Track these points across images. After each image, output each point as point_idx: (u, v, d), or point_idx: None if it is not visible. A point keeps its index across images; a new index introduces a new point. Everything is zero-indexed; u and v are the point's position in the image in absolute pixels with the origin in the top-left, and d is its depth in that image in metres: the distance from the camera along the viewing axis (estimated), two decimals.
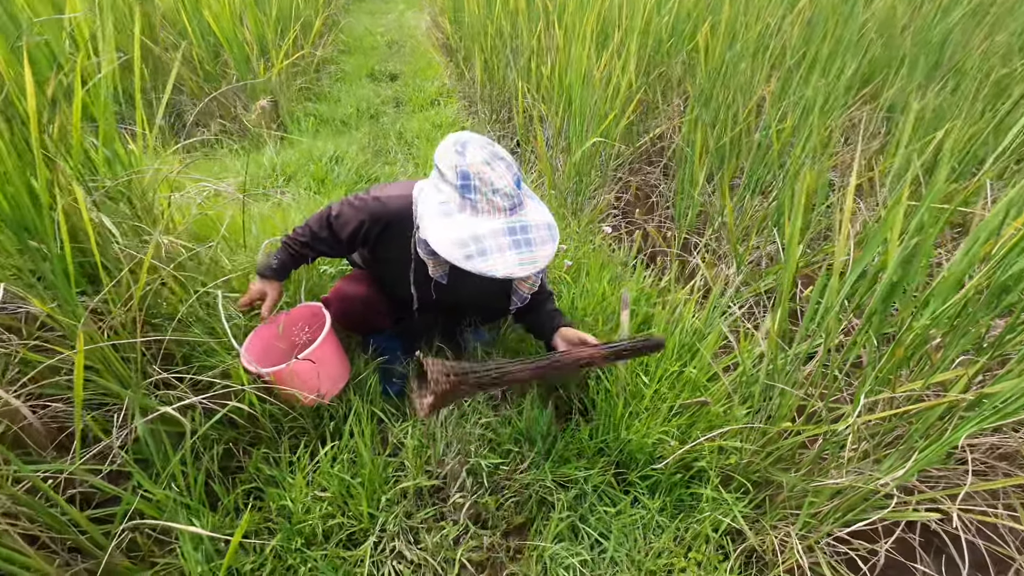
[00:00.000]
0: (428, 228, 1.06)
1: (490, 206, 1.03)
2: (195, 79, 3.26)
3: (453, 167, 1.04)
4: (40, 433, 1.09)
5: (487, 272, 1.01)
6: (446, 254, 1.02)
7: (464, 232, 1.02)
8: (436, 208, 1.07)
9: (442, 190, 1.09)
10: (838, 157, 1.85)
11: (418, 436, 1.41)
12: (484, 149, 1.06)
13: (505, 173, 1.04)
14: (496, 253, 1.01)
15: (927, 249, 1.06)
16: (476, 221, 1.03)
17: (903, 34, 2.71)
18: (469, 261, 1.01)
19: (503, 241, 1.02)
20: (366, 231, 1.27)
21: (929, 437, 1.14)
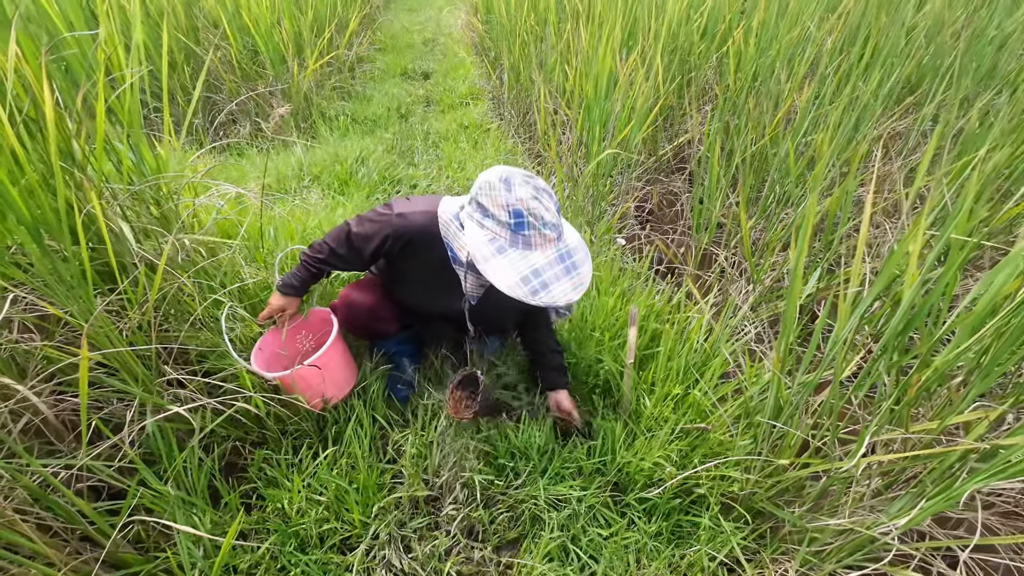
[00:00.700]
0: (489, 270, 1.09)
1: (542, 239, 1.08)
2: (233, 79, 3.37)
3: (503, 205, 1.07)
4: (56, 426, 1.15)
5: (552, 303, 1.07)
6: (514, 294, 1.07)
7: (524, 268, 1.08)
8: (488, 247, 1.10)
9: (487, 226, 1.11)
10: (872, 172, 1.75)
11: (417, 444, 1.43)
12: (528, 183, 1.09)
13: (550, 204, 1.09)
14: (555, 283, 1.08)
15: (946, 283, 1.00)
16: (531, 255, 1.08)
17: (955, 40, 2.54)
18: (536, 296, 1.06)
19: (558, 270, 1.09)
20: (389, 246, 1.29)
21: (943, 482, 1.08)
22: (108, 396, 1.31)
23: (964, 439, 1.06)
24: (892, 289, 1.41)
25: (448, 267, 1.31)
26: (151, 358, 1.31)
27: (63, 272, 1.11)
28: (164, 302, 1.38)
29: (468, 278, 1.30)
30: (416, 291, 1.43)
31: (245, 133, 3.29)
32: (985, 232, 1.38)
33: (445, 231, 1.25)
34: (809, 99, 2.10)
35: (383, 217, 1.28)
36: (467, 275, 1.28)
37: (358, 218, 1.32)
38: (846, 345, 1.09)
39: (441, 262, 1.30)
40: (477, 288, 1.34)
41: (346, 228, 1.33)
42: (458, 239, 1.22)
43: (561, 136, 2.69)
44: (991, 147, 1.60)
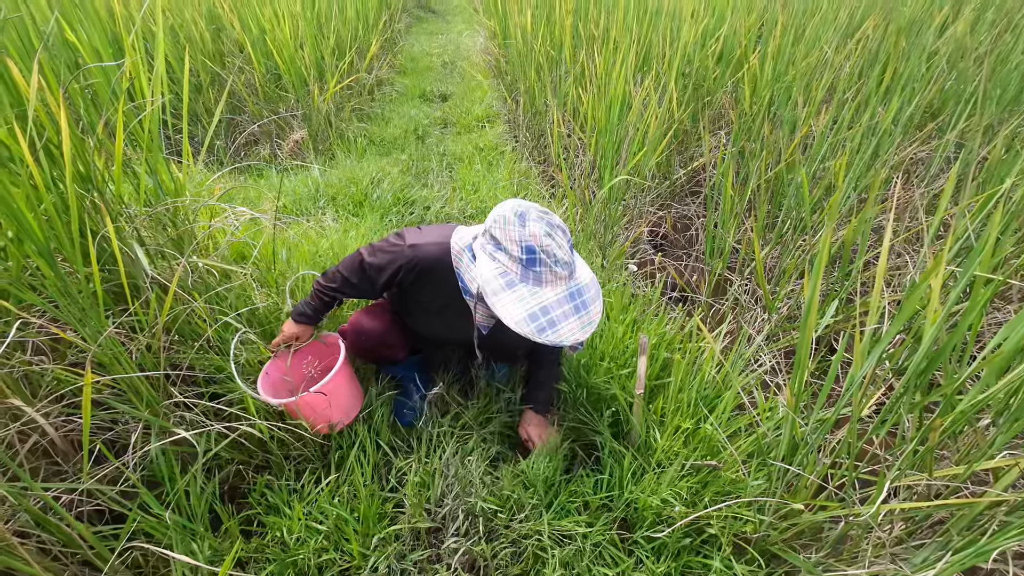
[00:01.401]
0: (497, 304, 1.08)
1: (553, 276, 1.07)
2: (255, 101, 3.47)
3: (516, 240, 1.06)
4: (63, 448, 1.16)
5: (558, 342, 1.06)
6: (520, 330, 1.06)
7: (533, 305, 1.07)
8: (498, 280, 1.09)
9: (498, 259, 1.11)
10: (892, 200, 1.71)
11: (421, 473, 1.41)
12: (542, 219, 1.08)
13: (563, 242, 1.08)
14: (563, 322, 1.06)
15: (970, 322, 0.95)
16: (541, 291, 1.07)
17: (978, 65, 2.49)
18: (543, 334, 1.05)
19: (567, 308, 1.07)
20: (402, 276, 1.29)
21: (971, 534, 1.02)
22: (115, 417, 1.32)
23: (992, 487, 1.00)
24: (914, 324, 1.36)
25: (459, 297, 1.30)
26: (159, 380, 1.31)
27: (75, 295, 1.13)
28: (175, 324, 1.39)
29: (478, 309, 1.29)
30: (428, 320, 1.43)
31: (265, 154, 3.37)
32: (1013, 267, 1.32)
33: (457, 262, 1.25)
34: (827, 125, 2.07)
35: (395, 248, 1.27)
36: (477, 306, 1.27)
37: (371, 248, 1.32)
38: (864, 384, 1.05)
39: (452, 292, 1.29)
40: (487, 319, 1.33)
41: (359, 258, 1.33)
42: (469, 271, 1.22)
43: (574, 159, 2.69)
44: (1017, 177, 1.54)
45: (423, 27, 7.48)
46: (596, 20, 3.21)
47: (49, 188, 1.06)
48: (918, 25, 2.99)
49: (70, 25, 1.34)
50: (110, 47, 1.44)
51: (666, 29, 2.83)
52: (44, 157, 1.08)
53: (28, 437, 1.16)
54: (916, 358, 1.02)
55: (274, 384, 1.40)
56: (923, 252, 1.33)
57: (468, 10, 8.48)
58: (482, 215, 2.65)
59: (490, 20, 5.48)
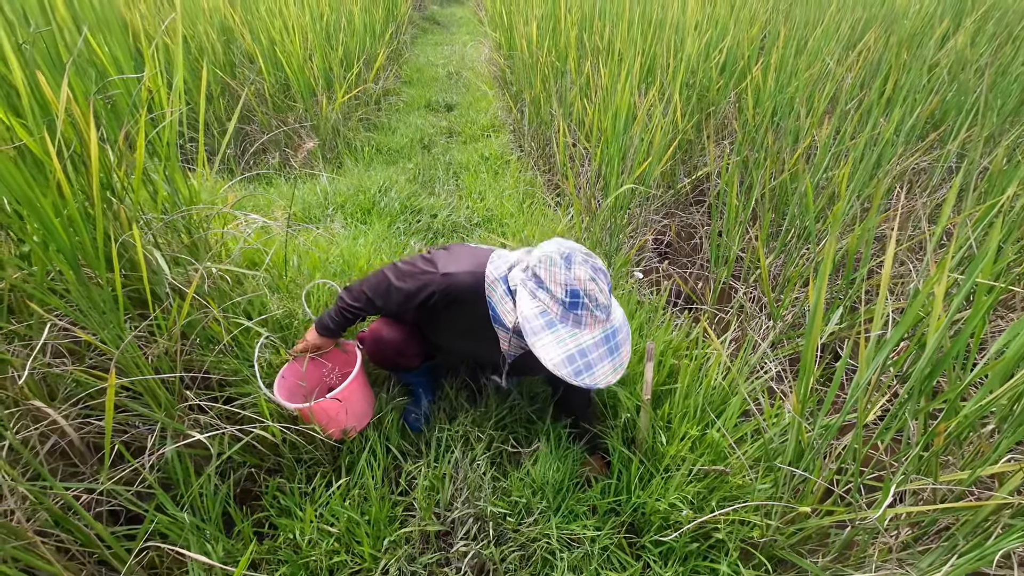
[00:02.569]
0: (536, 344, 1.09)
1: (593, 320, 1.09)
2: (264, 111, 3.52)
3: (562, 283, 1.07)
4: (81, 449, 1.18)
5: (592, 385, 1.08)
6: (558, 372, 1.08)
7: (572, 347, 1.08)
8: (538, 319, 1.10)
9: (539, 297, 1.11)
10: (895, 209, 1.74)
11: (430, 477, 1.42)
12: (587, 263, 1.08)
13: (604, 286, 1.09)
14: (598, 365, 1.08)
15: (972, 328, 0.97)
16: (579, 334, 1.09)
17: (979, 77, 2.53)
18: (579, 377, 1.07)
19: (602, 351, 1.09)
20: (434, 303, 1.27)
21: (976, 537, 1.03)
22: (131, 420, 1.35)
23: (997, 491, 1.02)
24: (917, 331, 1.37)
25: (488, 323, 1.30)
26: (174, 384, 1.34)
27: (96, 299, 1.16)
28: (191, 329, 1.42)
29: (512, 340, 1.30)
30: (451, 338, 1.44)
31: (274, 163, 3.41)
32: (1015, 274, 1.34)
33: (490, 292, 1.24)
34: (829, 135, 2.10)
35: (428, 275, 1.25)
36: (511, 338, 1.29)
37: (398, 271, 1.30)
38: (869, 390, 1.06)
39: (482, 318, 1.29)
40: (517, 349, 1.34)
41: (386, 282, 1.30)
42: (504, 303, 1.22)
43: (580, 168, 2.72)
44: (1019, 187, 1.57)
45: (428, 38, 7.58)
46: (601, 32, 3.27)
47: (75, 196, 1.09)
48: (919, 37, 3.03)
49: (94, 38, 1.38)
50: (131, 60, 1.49)
51: (670, 41, 2.88)
52: (70, 167, 1.12)
53: (47, 438, 1.19)
54: (920, 364, 1.03)
55: (290, 388, 1.42)
56: (926, 260, 1.35)
57: (473, 22, 8.60)
58: (488, 223, 2.68)
59: (495, 32, 5.56)
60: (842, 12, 3.46)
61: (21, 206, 1.05)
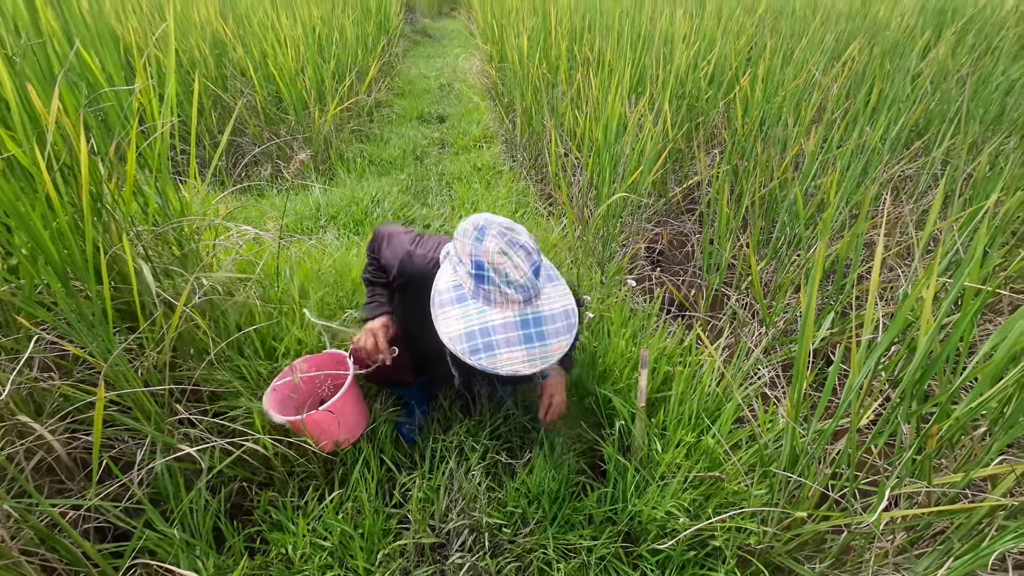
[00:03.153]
0: (440, 316, 1.02)
1: (503, 298, 0.99)
2: (256, 123, 3.53)
3: (468, 254, 1.00)
4: (68, 464, 1.16)
5: (490, 369, 0.96)
6: (452, 347, 0.98)
7: (475, 323, 0.99)
8: (450, 292, 1.04)
9: (458, 271, 1.05)
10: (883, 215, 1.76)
11: (425, 488, 1.41)
12: (503, 236, 1.00)
13: (522, 262, 0.99)
14: (504, 349, 0.97)
15: (962, 331, 0.98)
16: (489, 312, 1.00)
17: (960, 86, 2.58)
18: (474, 356, 0.97)
19: (513, 335, 0.98)
20: (395, 277, 1.32)
21: (972, 539, 1.03)
22: (120, 434, 1.33)
23: (991, 493, 1.02)
24: (908, 334, 1.39)
25: None
26: (164, 397, 1.32)
27: (85, 312, 1.15)
28: (182, 342, 1.41)
29: None
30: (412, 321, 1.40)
31: (267, 175, 3.41)
32: (1002, 278, 1.36)
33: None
34: (817, 143, 2.13)
35: (401, 250, 1.30)
36: None
37: (389, 235, 1.36)
38: (862, 394, 1.07)
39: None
40: None
41: (378, 243, 1.38)
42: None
43: (572, 178, 2.74)
44: (1002, 193, 1.60)
45: (420, 51, 7.64)
46: (591, 44, 3.31)
47: (64, 209, 1.08)
48: (902, 48, 3.10)
49: (85, 50, 1.38)
50: (122, 72, 1.49)
51: (659, 53, 2.92)
52: (60, 179, 1.11)
53: (34, 454, 1.17)
54: (911, 368, 1.04)
55: (282, 401, 1.41)
56: (914, 265, 1.37)
57: (464, 34, 8.68)
58: None
59: (486, 44, 5.61)
60: (826, 24, 3.53)
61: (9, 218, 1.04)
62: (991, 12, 4.05)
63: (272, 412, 1.31)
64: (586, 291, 2.02)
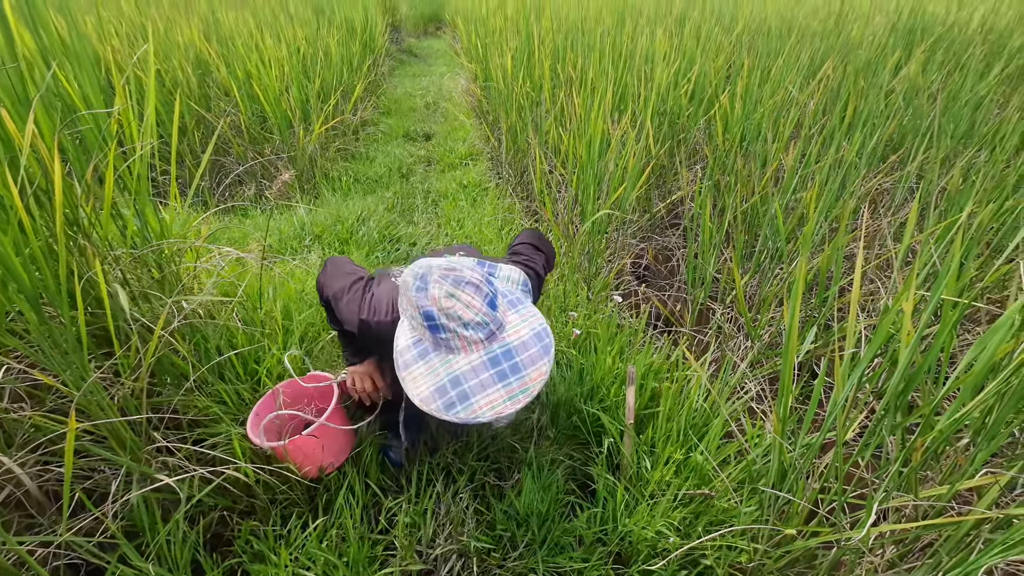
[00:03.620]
0: (407, 379, 0.95)
1: (464, 342, 0.93)
2: (240, 143, 3.51)
3: (416, 307, 0.94)
4: (39, 498, 1.12)
5: (471, 420, 0.90)
6: (425, 407, 0.92)
7: (442, 376, 0.92)
8: (411, 351, 0.97)
9: (415, 327, 0.98)
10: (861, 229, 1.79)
11: (411, 513, 1.38)
12: (445, 279, 0.93)
13: (473, 299, 0.92)
14: (479, 394, 0.91)
15: (941, 344, 0.99)
16: (454, 360, 0.93)
17: (931, 102, 2.66)
18: (451, 411, 0.90)
19: (484, 377, 0.92)
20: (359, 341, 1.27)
21: (959, 553, 1.03)
22: (95, 464, 1.28)
23: (976, 505, 1.03)
24: (890, 346, 1.40)
25: None
26: (141, 425, 1.29)
27: (58, 338, 1.12)
28: (160, 368, 1.37)
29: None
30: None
31: (250, 194, 3.39)
32: (978, 289, 1.39)
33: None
34: (796, 159, 2.18)
35: (355, 318, 1.21)
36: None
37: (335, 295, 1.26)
38: (847, 407, 1.07)
39: None
40: None
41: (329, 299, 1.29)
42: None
43: (557, 195, 2.76)
44: (975, 206, 1.64)
45: (406, 70, 7.71)
46: (574, 63, 3.36)
47: (38, 233, 1.06)
48: (874, 66, 3.20)
49: (62, 71, 1.37)
50: (100, 94, 1.47)
51: (640, 71, 2.98)
52: (33, 203, 1.09)
53: (1, 489, 1.12)
54: (894, 380, 1.05)
55: (264, 426, 1.38)
56: (893, 278, 1.39)
57: (449, 54, 8.78)
58: None
59: (471, 63, 5.68)
60: (801, 43, 3.63)
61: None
62: (958, 31, 4.20)
63: (254, 437, 1.28)
64: (573, 307, 2.02)
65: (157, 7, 4.65)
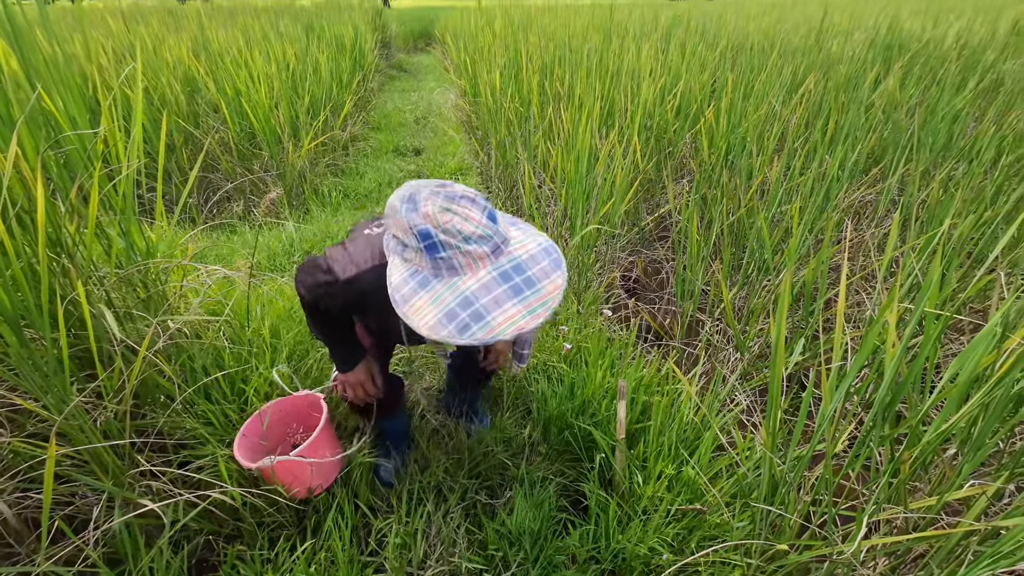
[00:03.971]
0: (410, 313, 0.85)
1: (468, 258, 0.84)
2: (229, 159, 3.50)
3: (408, 228, 0.86)
4: (17, 527, 1.09)
5: (492, 339, 0.81)
6: (437, 336, 0.83)
7: (449, 301, 0.83)
8: (408, 284, 0.88)
9: (408, 258, 0.90)
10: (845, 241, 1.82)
11: (402, 534, 1.36)
12: (438, 195, 0.87)
13: (471, 211, 0.86)
14: (495, 311, 0.82)
15: (926, 355, 1.01)
16: (460, 282, 0.85)
17: (910, 117, 2.72)
18: (466, 333, 0.81)
19: (499, 293, 0.83)
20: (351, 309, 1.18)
21: (949, 564, 1.03)
22: (76, 490, 1.25)
23: (965, 516, 1.03)
24: (876, 357, 1.42)
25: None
26: (124, 448, 1.26)
27: (39, 362, 1.09)
28: (145, 389, 1.35)
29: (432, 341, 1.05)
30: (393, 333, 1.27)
31: (239, 211, 3.37)
32: (960, 300, 1.41)
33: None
34: (780, 172, 2.21)
35: (329, 286, 1.09)
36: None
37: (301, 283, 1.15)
38: (835, 419, 1.08)
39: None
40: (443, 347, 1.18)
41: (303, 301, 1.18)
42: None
43: (546, 209, 2.78)
44: (955, 217, 1.67)
45: (395, 85, 7.76)
46: (561, 79, 3.41)
47: (20, 254, 1.04)
48: (854, 81, 3.27)
49: (47, 92, 1.36)
50: (86, 113, 1.46)
51: (627, 87, 3.02)
52: (16, 224, 1.07)
53: None
54: (880, 391, 1.06)
55: (251, 447, 1.35)
56: (878, 289, 1.41)
57: (438, 69, 8.87)
58: None
59: (460, 79, 5.73)
60: (783, 59, 3.71)
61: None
62: (934, 47, 4.32)
63: (242, 459, 1.26)
64: (563, 322, 2.02)
65: (146, 25, 4.67)
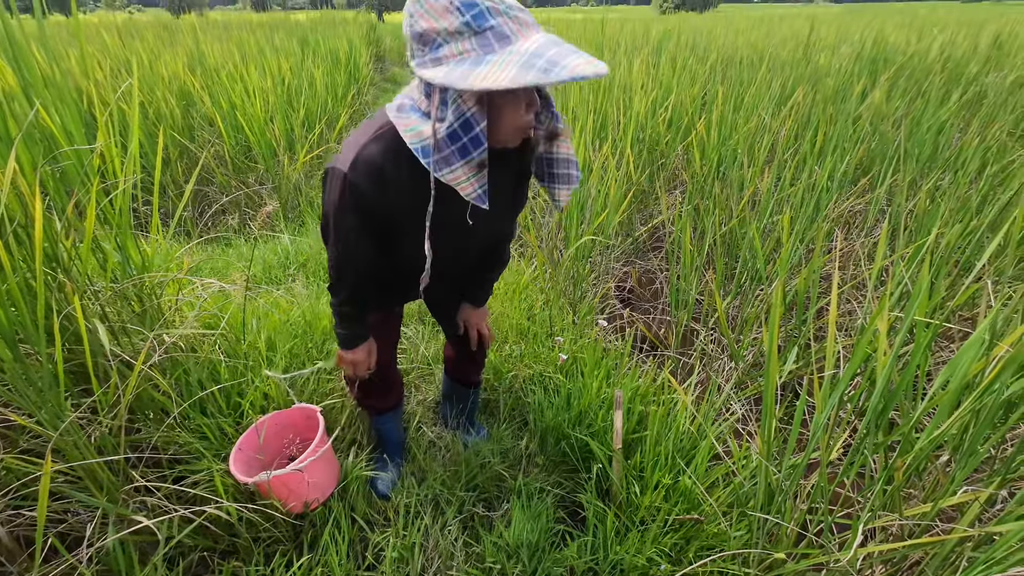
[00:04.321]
0: (475, 82, 0.76)
1: (518, 24, 0.79)
2: (224, 172, 3.51)
3: (447, 8, 0.78)
4: (9, 545, 1.07)
5: (575, 75, 0.74)
6: (524, 81, 0.74)
7: (518, 59, 0.76)
8: (459, 68, 0.78)
9: (443, 56, 0.80)
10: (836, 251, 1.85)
11: (399, 547, 1.35)
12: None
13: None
14: (565, 58, 0.75)
15: (916, 364, 1.02)
16: (514, 47, 0.78)
17: (896, 128, 2.78)
18: (551, 73, 0.74)
19: (561, 49, 0.78)
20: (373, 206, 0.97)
21: (945, 570, 1.04)
22: (70, 507, 1.24)
23: (959, 523, 1.04)
24: (868, 365, 1.43)
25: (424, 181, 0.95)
26: (118, 464, 1.25)
27: (34, 377, 1.09)
28: (140, 404, 1.34)
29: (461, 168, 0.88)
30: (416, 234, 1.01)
31: (234, 224, 3.37)
32: (949, 308, 1.43)
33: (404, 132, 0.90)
34: (771, 183, 2.25)
35: (341, 193, 0.95)
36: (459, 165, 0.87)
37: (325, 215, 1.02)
38: (829, 427, 1.09)
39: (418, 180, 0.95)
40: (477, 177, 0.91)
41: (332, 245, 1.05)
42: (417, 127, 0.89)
43: (541, 220, 2.80)
44: (941, 227, 1.70)
45: (390, 98, 7.81)
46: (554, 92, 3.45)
47: (16, 270, 1.04)
48: (841, 94, 3.34)
49: (44, 108, 1.37)
50: (83, 128, 1.47)
51: (619, 100, 3.07)
52: (12, 240, 1.08)
53: None
54: (873, 399, 1.07)
55: (247, 461, 1.35)
56: (869, 297, 1.43)
57: None
58: None
59: None
60: (772, 72, 3.78)
61: None
62: (919, 60, 4.41)
63: (237, 473, 1.25)
64: (559, 332, 2.03)
65: (142, 41, 4.69)
